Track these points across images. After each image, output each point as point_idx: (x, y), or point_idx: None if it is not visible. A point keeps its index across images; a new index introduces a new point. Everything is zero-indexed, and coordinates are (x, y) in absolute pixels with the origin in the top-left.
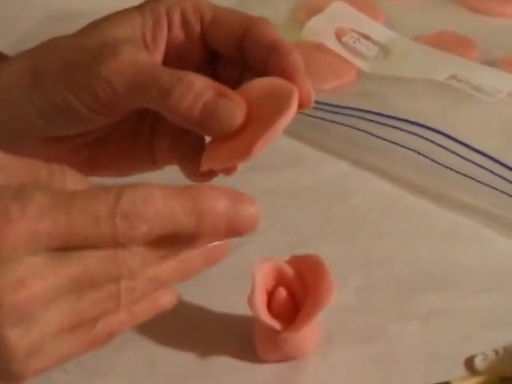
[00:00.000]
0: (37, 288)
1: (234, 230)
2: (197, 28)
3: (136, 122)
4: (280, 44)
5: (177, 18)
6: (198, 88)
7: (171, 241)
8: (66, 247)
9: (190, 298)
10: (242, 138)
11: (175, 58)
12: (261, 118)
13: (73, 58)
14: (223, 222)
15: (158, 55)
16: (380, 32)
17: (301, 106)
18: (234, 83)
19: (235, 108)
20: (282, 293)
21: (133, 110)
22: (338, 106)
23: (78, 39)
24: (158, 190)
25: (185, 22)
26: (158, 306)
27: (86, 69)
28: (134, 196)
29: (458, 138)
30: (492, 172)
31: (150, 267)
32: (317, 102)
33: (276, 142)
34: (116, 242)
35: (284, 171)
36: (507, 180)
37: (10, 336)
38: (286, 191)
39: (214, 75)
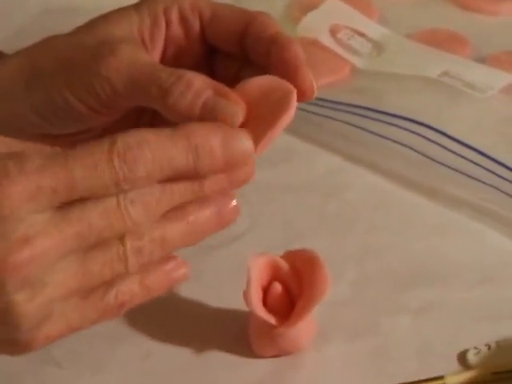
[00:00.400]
0: (41, 246)
1: (233, 165)
2: (195, 26)
3: (135, 120)
4: (281, 36)
5: (175, 16)
6: (197, 87)
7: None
8: (68, 202)
9: (185, 293)
10: None
11: (173, 56)
12: (260, 118)
13: (71, 56)
14: (220, 156)
15: (156, 54)
16: (374, 29)
17: (303, 97)
18: (232, 80)
19: (235, 107)
20: (277, 288)
21: (131, 108)
22: (332, 102)
23: (76, 37)
24: (151, 134)
25: (183, 20)
26: (171, 279)
27: (84, 67)
28: (128, 140)
29: (450, 133)
30: (483, 167)
31: (155, 227)
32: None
33: None
34: (117, 187)
35: (278, 166)
36: (498, 175)
37: (15, 300)
38: (280, 186)
39: (211, 72)
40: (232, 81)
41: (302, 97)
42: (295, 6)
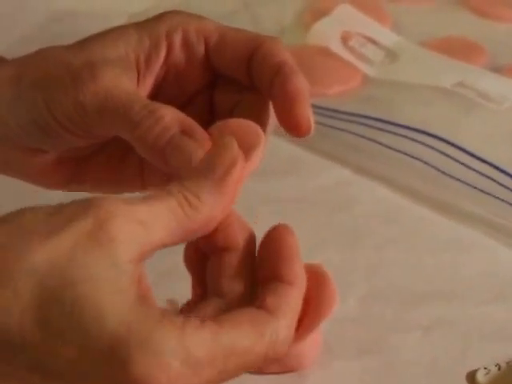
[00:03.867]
0: None
1: None
2: (199, 50)
3: (126, 144)
4: (286, 66)
5: (177, 39)
6: (166, 122)
7: None
8: None
9: None
10: None
11: (174, 80)
12: None
13: (54, 75)
14: None
15: (150, 78)
16: (387, 36)
17: (298, 133)
18: (232, 108)
19: (196, 147)
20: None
21: (110, 136)
22: (343, 112)
23: (66, 55)
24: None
25: (186, 44)
26: None
27: (63, 89)
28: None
29: (464, 146)
30: (497, 182)
31: None
32: (321, 108)
33: (277, 148)
34: None
35: (285, 177)
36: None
37: None
38: (287, 198)
39: (211, 97)
40: (231, 108)
41: (296, 132)
42: (306, 13)
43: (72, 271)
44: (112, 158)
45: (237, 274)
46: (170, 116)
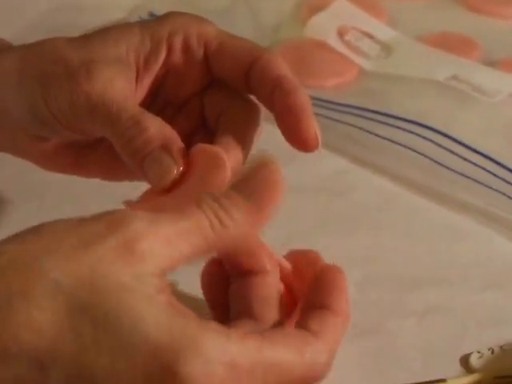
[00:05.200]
0: None
1: None
2: (199, 55)
3: None
4: (286, 81)
5: (178, 42)
6: (149, 135)
7: None
8: None
9: (187, 290)
10: (173, 198)
11: (173, 82)
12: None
13: (52, 70)
14: None
15: (148, 78)
16: (382, 31)
17: (307, 148)
18: (220, 112)
19: (172, 164)
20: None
21: (100, 136)
22: (339, 104)
23: (66, 50)
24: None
25: (186, 48)
26: None
27: (59, 85)
28: None
29: (458, 138)
30: (491, 172)
31: None
32: (317, 100)
33: (276, 138)
34: None
35: (283, 167)
36: (506, 180)
37: None
38: (286, 186)
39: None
40: (220, 112)
41: (304, 148)
42: (303, 7)
43: (98, 282)
44: (113, 147)
45: (269, 297)
46: (154, 129)
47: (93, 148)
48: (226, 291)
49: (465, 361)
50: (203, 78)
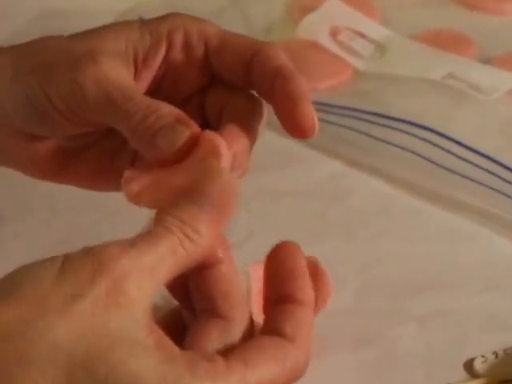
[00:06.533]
0: None
1: None
2: (199, 52)
3: (119, 143)
4: (285, 70)
5: (178, 40)
6: (162, 113)
7: None
8: None
9: None
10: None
11: (172, 80)
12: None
13: (51, 61)
14: None
15: (146, 75)
16: (376, 30)
17: (303, 134)
18: (221, 109)
19: (184, 130)
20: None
21: (101, 127)
22: (333, 106)
23: (66, 43)
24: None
25: (186, 45)
26: None
27: (62, 71)
28: None
29: (455, 137)
30: (489, 171)
31: None
32: (312, 102)
33: (271, 142)
34: None
35: (278, 171)
36: (504, 179)
37: None
38: (281, 191)
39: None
40: (221, 108)
41: (301, 133)
42: (295, 7)
43: (97, 340)
44: (104, 153)
45: (228, 288)
46: (167, 109)
47: (79, 156)
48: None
49: (469, 365)
50: (203, 76)
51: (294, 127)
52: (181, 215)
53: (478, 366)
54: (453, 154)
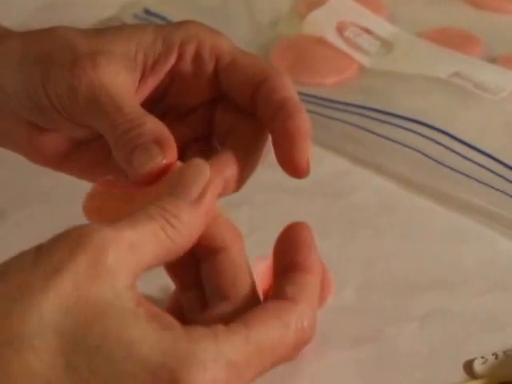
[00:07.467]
0: None
1: None
2: (209, 67)
3: None
4: (290, 103)
5: (190, 51)
6: (145, 129)
7: None
8: None
9: None
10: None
11: (178, 90)
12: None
13: (56, 55)
14: None
15: (152, 81)
16: (382, 27)
17: (296, 175)
18: (228, 131)
19: (158, 154)
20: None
21: (92, 129)
22: (339, 102)
23: (74, 39)
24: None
25: (197, 58)
26: None
27: (60, 70)
28: None
29: (460, 136)
30: (493, 172)
31: None
32: (317, 98)
33: None
34: None
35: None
36: (508, 180)
37: None
38: (284, 187)
39: (212, 115)
40: (228, 130)
41: (293, 173)
42: (301, 3)
43: (83, 311)
44: (106, 145)
45: (235, 274)
46: (151, 125)
47: (81, 147)
48: (196, 272)
49: (468, 366)
50: (210, 91)
51: (287, 165)
52: (163, 204)
53: (478, 367)
54: (458, 153)
